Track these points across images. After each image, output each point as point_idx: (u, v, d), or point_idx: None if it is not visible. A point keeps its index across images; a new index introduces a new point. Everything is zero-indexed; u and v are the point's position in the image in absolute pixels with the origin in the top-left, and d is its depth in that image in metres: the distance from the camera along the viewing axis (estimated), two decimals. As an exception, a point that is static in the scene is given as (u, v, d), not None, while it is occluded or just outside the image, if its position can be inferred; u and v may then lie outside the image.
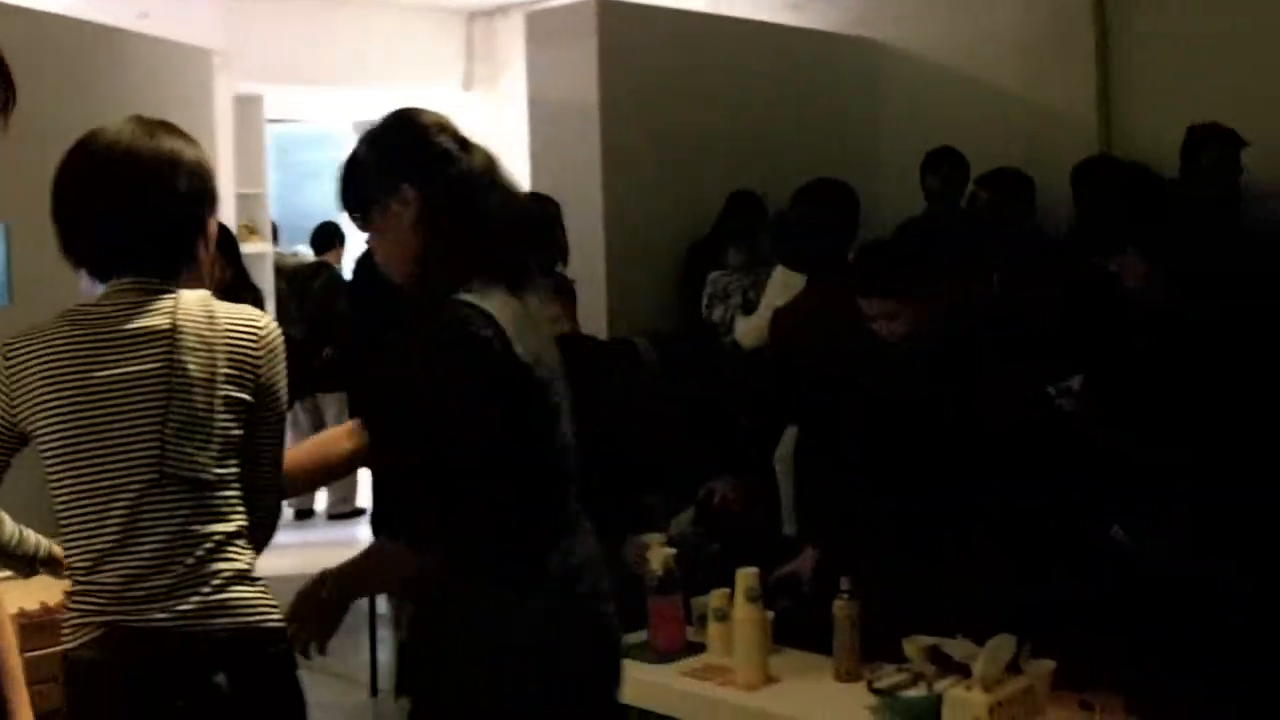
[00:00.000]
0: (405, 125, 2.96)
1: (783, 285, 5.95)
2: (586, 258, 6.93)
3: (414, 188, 2.88)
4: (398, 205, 2.88)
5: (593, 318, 6.60)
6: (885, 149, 8.45)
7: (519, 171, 7.99)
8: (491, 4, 11.47)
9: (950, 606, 3.88)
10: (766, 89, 7.98)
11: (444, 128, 2.96)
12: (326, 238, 11.02)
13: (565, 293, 6.14)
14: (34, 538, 3.16)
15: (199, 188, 2.78)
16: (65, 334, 2.65)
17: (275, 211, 11.40)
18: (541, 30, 7.71)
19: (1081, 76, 7.75)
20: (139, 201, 2.70)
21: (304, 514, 10.46)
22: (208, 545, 2.66)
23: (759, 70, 7.98)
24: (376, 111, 8.85)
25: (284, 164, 13.30)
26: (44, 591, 3.58)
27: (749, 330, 6.25)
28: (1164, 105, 7.26)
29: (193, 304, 2.71)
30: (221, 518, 2.70)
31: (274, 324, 2.80)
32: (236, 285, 5.87)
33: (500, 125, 10.91)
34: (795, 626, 4.13)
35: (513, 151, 8.32)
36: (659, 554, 4.21)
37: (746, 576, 3.88)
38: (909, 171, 7.82)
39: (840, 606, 3.80)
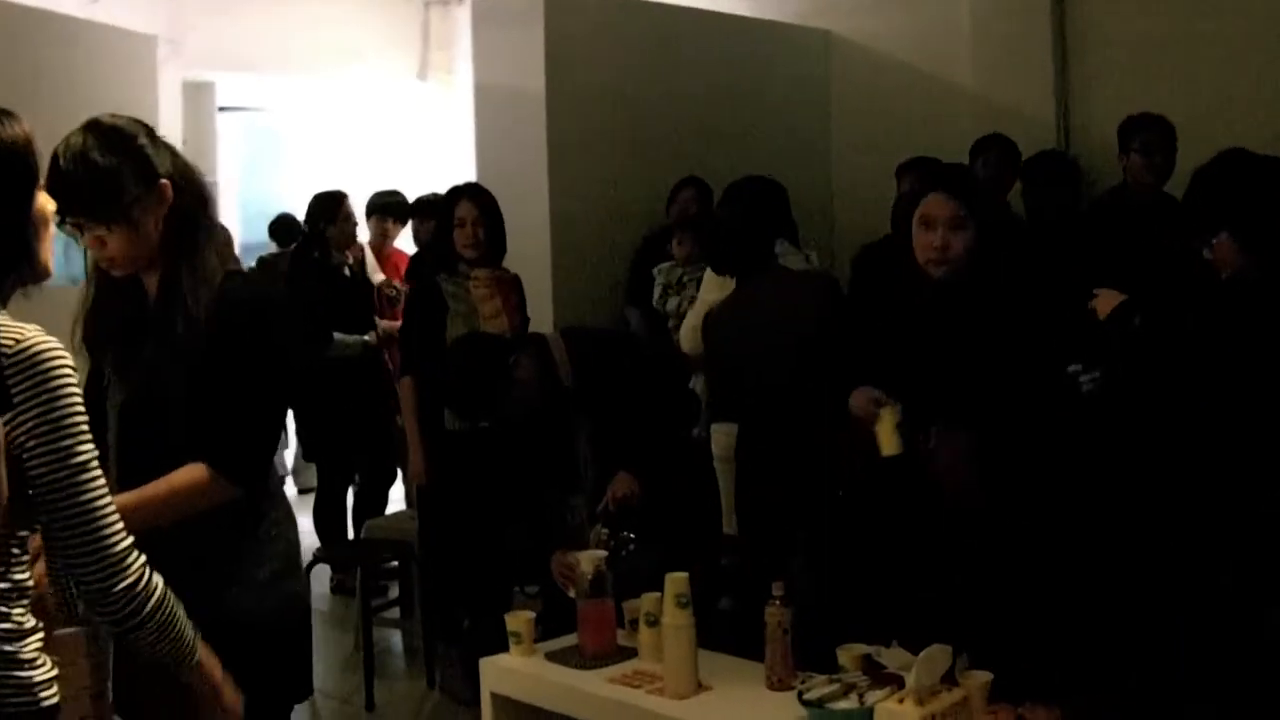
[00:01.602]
0: (133, 128, 3.09)
1: (716, 284, 5.84)
2: (532, 249, 6.82)
3: (169, 180, 3.05)
4: (156, 199, 3.04)
5: (538, 309, 6.49)
6: (837, 141, 8.35)
7: (467, 161, 7.90)
8: (447, -9, 11.36)
9: (886, 612, 3.78)
10: (717, 79, 7.85)
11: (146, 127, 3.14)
12: (287, 230, 10.74)
13: (505, 287, 6.05)
14: None
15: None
16: None
17: (240, 200, 11.33)
18: (488, 17, 7.57)
19: (1039, 71, 7.61)
20: None
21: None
22: None
23: (709, 60, 7.85)
24: (333, 100, 8.79)
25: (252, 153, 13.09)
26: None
27: (686, 333, 6.13)
28: (1123, 101, 7.13)
29: None
30: None
31: (33, 342, 2.33)
32: None
33: (455, 115, 10.78)
34: (730, 630, 4.03)
35: (466, 143, 8.23)
36: (589, 557, 4.10)
37: (676, 581, 3.75)
38: (860, 164, 7.74)
39: (772, 613, 3.67)
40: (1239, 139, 5.05)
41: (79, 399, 2.38)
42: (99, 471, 2.42)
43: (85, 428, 2.39)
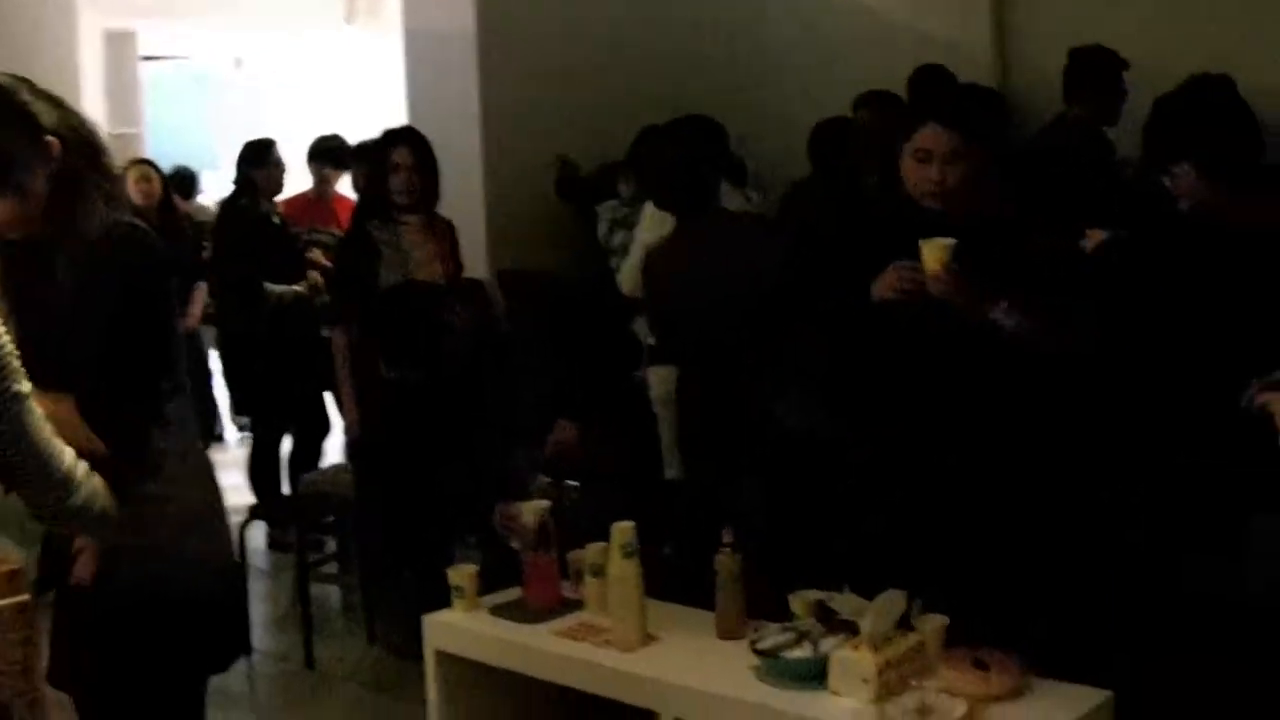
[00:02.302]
0: (12, 84, 2.93)
1: (656, 222, 5.72)
2: (465, 194, 6.68)
3: (55, 136, 2.90)
4: (43, 159, 2.89)
5: (472, 255, 6.35)
6: (772, 78, 8.22)
7: (398, 106, 7.73)
8: (372, -67, 11.15)
9: (839, 556, 3.70)
10: (652, 15, 7.70)
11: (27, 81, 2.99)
12: (184, 182, 10.48)
13: (438, 233, 5.91)
14: None
15: None
16: None
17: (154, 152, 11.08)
18: (417, -42, 7.40)
19: (975, 5, 7.54)
20: None
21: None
22: None
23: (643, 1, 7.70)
24: (257, 47, 8.61)
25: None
26: None
27: (627, 273, 6.03)
28: (1061, 33, 7.06)
29: None
30: None
31: None
32: None
33: (384, 59, 10.60)
34: (675, 577, 3.94)
35: (396, 88, 8.06)
36: (532, 508, 3.99)
37: (622, 531, 3.63)
38: (795, 99, 7.62)
39: (722, 560, 3.58)
40: (1185, 70, 4.98)
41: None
42: (31, 404, 2.47)
43: (15, 363, 2.44)
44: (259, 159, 7.75)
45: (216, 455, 7.58)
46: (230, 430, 10.60)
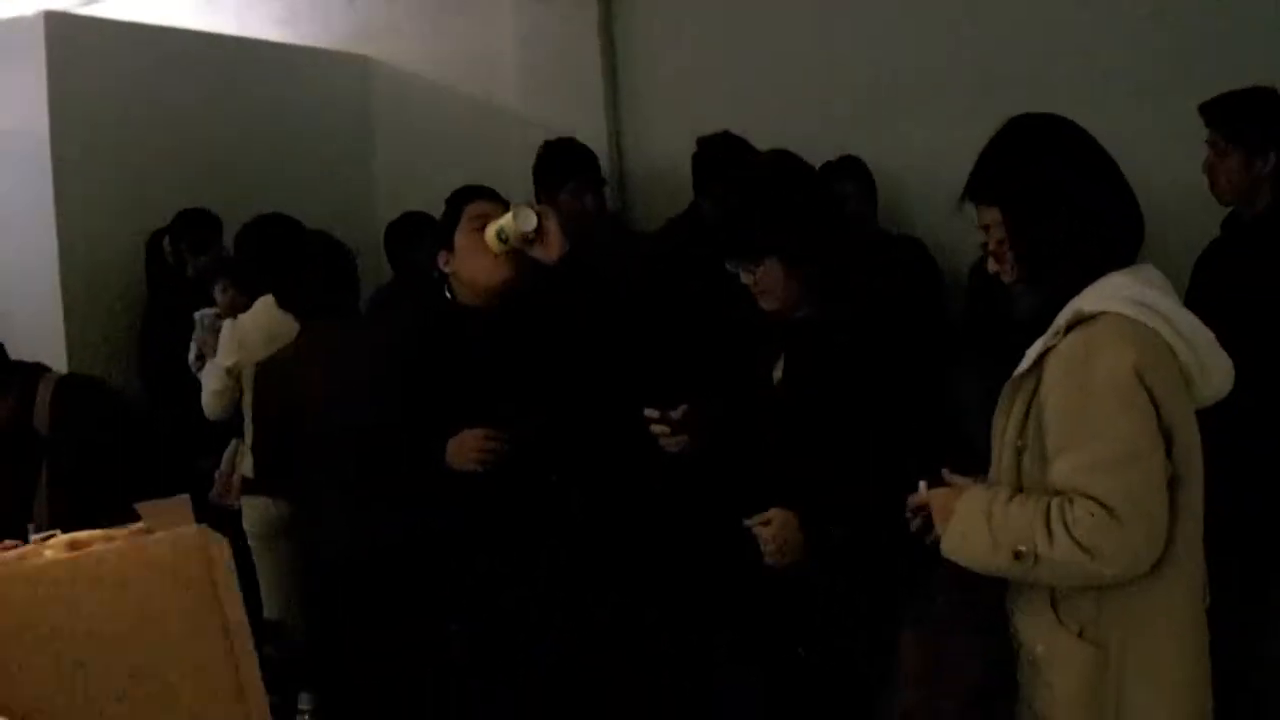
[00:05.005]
0: None
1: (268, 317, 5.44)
2: (38, 295, 6.22)
3: None
4: None
5: (52, 359, 5.81)
6: (378, 167, 8.07)
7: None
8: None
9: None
10: (249, 109, 7.37)
11: None
12: None
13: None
14: None
15: None
16: None
17: None
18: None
19: (589, 92, 7.39)
20: None
21: None
22: None
23: (239, 89, 7.37)
24: None
25: None
26: None
27: (210, 398, 5.66)
28: (675, 115, 6.95)
29: None
30: None
31: None
32: None
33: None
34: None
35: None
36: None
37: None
38: (402, 188, 7.39)
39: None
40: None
41: None
42: None
43: None
44: None
45: None
46: None
